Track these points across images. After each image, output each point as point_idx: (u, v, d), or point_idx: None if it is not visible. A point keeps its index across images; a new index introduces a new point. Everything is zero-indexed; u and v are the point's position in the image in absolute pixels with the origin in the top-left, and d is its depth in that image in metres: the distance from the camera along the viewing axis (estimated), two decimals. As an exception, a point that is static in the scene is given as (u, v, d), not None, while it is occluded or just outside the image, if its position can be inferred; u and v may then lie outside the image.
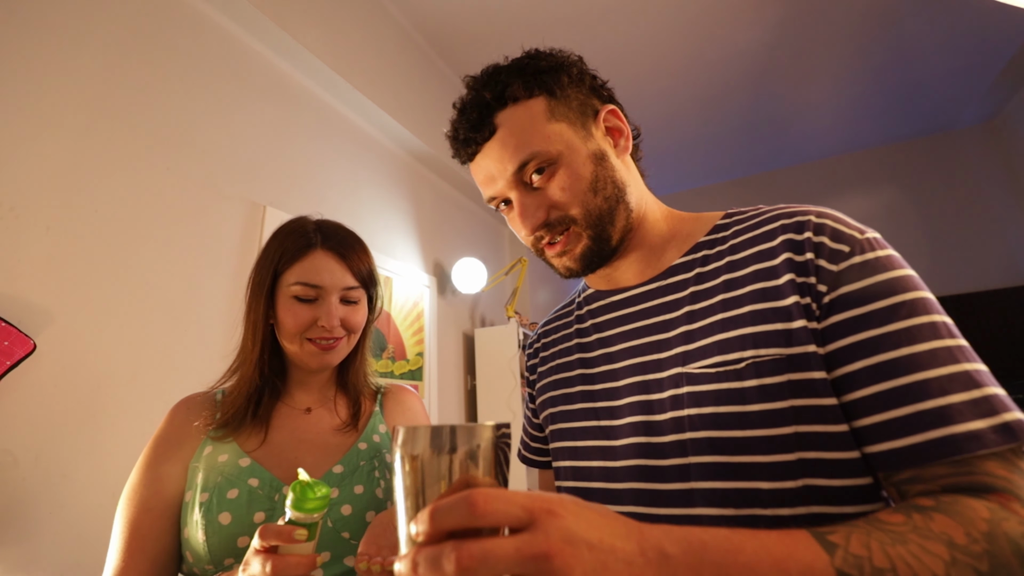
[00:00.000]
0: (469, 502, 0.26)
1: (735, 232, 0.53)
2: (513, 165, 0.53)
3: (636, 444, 0.50)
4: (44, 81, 1.01)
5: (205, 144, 1.32)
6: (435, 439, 0.30)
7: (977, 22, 2.37)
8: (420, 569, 0.27)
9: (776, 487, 0.42)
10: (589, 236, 0.54)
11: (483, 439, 0.31)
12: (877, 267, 0.43)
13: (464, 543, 0.26)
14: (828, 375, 0.42)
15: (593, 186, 0.53)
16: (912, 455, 0.37)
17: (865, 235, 0.45)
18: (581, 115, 0.55)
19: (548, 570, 0.26)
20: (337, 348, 0.72)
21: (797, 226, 0.48)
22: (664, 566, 0.29)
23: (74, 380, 0.98)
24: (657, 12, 2.26)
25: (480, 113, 0.54)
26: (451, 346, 2.41)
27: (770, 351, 0.44)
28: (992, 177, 3.16)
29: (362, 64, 1.86)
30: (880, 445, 0.39)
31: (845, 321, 0.42)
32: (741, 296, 0.48)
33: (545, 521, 0.27)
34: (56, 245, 0.99)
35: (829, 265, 0.44)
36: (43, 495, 0.90)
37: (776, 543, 0.32)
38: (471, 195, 2.76)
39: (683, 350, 0.50)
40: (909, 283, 0.42)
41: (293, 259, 0.70)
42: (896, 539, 0.33)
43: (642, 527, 0.31)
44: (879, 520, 0.35)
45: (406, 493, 0.31)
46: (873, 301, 0.41)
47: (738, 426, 0.44)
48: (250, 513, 0.61)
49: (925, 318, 0.40)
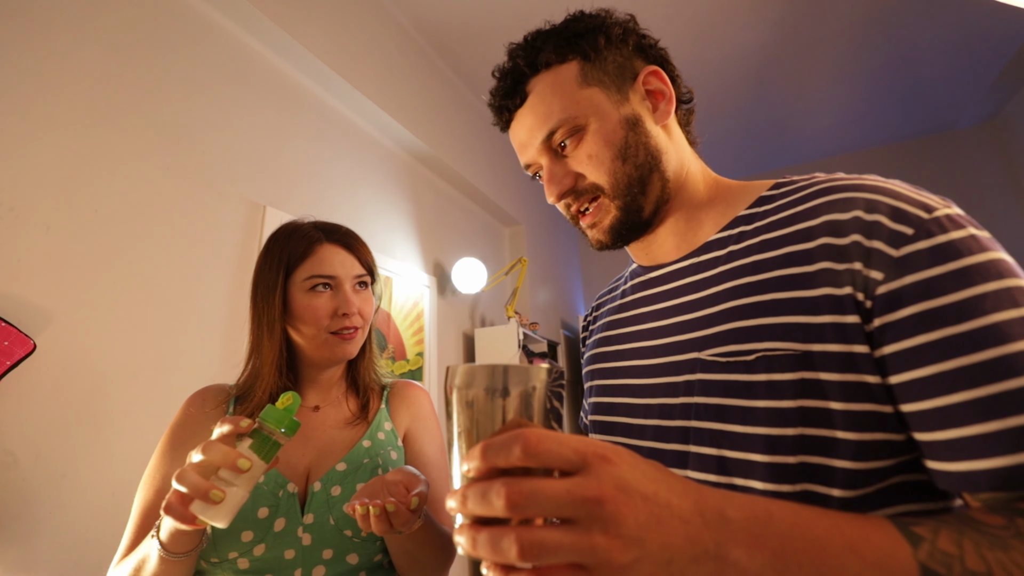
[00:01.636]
0: (522, 440, 0.26)
1: (778, 207, 0.47)
2: (542, 133, 0.52)
3: (654, 426, 0.49)
4: (44, 81, 1.01)
5: (205, 144, 1.32)
6: (490, 379, 0.30)
7: (977, 22, 2.37)
8: (469, 503, 0.26)
9: (771, 489, 0.39)
10: (618, 207, 0.52)
11: (538, 381, 0.31)
12: (951, 251, 0.35)
13: (514, 480, 0.25)
14: (883, 380, 0.37)
15: (623, 153, 0.51)
16: (1002, 478, 0.31)
17: (934, 214, 0.37)
18: (618, 78, 0.52)
19: (599, 515, 0.25)
20: (355, 338, 0.73)
21: (843, 203, 0.41)
22: (723, 529, 0.27)
23: (74, 380, 0.98)
24: (657, 12, 2.26)
25: (513, 80, 0.54)
26: (451, 346, 2.41)
27: (784, 345, 0.40)
28: (992, 177, 3.16)
29: (362, 64, 1.86)
30: (958, 464, 0.33)
31: (911, 317, 0.35)
32: (767, 281, 0.43)
33: (598, 466, 0.26)
34: (56, 245, 0.99)
35: (888, 249, 0.37)
36: (43, 495, 0.90)
37: (851, 524, 0.30)
38: (471, 195, 2.76)
39: (702, 334, 0.47)
40: (992, 269, 0.35)
41: (302, 257, 0.72)
42: (995, 542, 0.29)
43: (701, 488, 0.29)
44: (973, 519, 0.31)
45: (459, 432, 0.31)
46: (948, 293, 0.34)
47: (741, 421, 0.41)
48: (254, 508, 0.61)
49: (1014, 312, 0.33)
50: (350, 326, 0.71)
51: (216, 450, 0.49)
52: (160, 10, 1.27)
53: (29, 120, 0.98)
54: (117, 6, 1.17)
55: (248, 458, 0.49)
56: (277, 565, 0.60)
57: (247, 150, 1.45)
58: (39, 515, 0.89)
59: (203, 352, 1.23)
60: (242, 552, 0.59)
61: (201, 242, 1.27)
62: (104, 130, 1.10)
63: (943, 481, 0.35)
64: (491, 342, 2.49)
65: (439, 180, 2.52)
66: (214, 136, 1.35)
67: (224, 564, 0.60)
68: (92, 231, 1.05)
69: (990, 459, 0.32)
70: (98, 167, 1.07)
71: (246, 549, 0.59)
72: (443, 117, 2.40)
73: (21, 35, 0.99)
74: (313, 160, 1.69)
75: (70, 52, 1.06)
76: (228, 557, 0.59)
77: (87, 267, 1.03)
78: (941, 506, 0.39)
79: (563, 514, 0.25)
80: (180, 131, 1.26)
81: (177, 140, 1.25)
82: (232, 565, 0.59)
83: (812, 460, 0.38)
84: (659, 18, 2.29)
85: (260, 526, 0.61)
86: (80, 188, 1.04)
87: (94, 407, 1.00)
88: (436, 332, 2.25)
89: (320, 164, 1.72)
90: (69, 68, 1.05)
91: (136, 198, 1.14)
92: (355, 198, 1.87)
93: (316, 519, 0.63)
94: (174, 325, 1.18)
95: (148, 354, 1.11)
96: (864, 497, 0.38)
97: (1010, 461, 0.31)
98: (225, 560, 0.59)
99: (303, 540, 0.62)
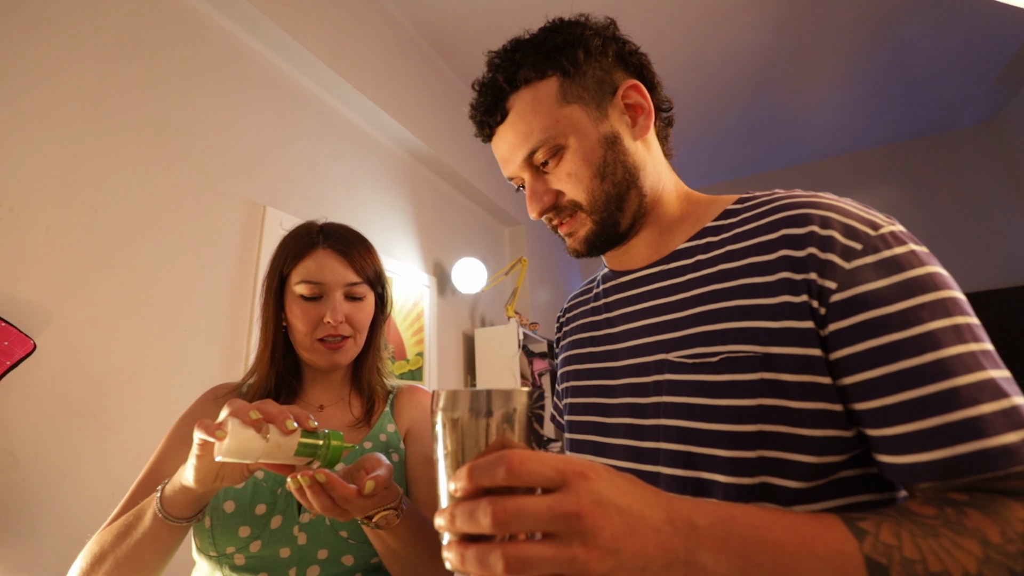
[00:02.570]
0: (506, 461, 0.28)
1: (742, 220, 0.50)
2: (523, 152, 0.53)
3: (625, 424, 0.51)
4: (44, 81, 1.01)
5: (205, 144, 1.32)
6: (474, 402, 0.32)
7: (977, 22, 2.37)
8: (457, 521, 0.28)
9: (732, 482, 0.42)
10: (595, 221, 0.54)
11: (519, 403, 0.33)
12: (894, 265, 0.39)
13: (499, 499, 0.27)
14: (835, 381, 0.40)
15: (601, 172, 0.52)
16: (940, 469, 0.35)
17: (880, 231, 0.41)
18: (597, 93, 0.53)
19: (578, 529, 0.27)
20: (344, 348, 0.72)
21: (800, 219, 0.45)
22: (691, 536, 0.30)
23: (74, 380, 0.98)
24: (657, 12, 2.26)
25: (493, 96, 0.55)
26: (451, 346, 2.41)
27: (746, 348, 0.43)
28: (992, 177, 3.16)
29: (362, 64, 1.86)
30: (903, 457, 0.37)
31: (861, 324, 0.39)
32: (731, 288, 0.47)
33: (577, 483, 0.28)
34: (56, 245, 0.99)
35: (840, 261, 0.41)
36: (43, 495, 0.90)
37: (805, 524, 0.33)
38: (471, 195, 2.76)
39: (670, 337, 0.50)
40: (929, 281, 0.39)
41: (296, 259, 0.72)
42: (927, 532, 0.32)
43: (671, 497, 0.31)
44: (910, 511, 0.34)
45: (445, 453, 0.33)
46: (892, 303, 0.38)
47: (704, 419, 0.44)
48: (252, 504, 0.62)
49: (947, 321, 0.37)
50: (335, 335, 0.71)
51: (275, 404, 0.49)
52: (160, 10, 1.27)
53: (29, 120, 0.98)
54: (117, 6, 1.17)
55: (294, 431, 0.48)
56: (273, 563, 0.60)
57: (247, 150, 1.45)
58: (39, 515, 0.89)
59: (203, 352, 1.23)
60: (239, 548, 0.60)
61: (201, 242, 1.27)
62: (104, 130, 1.10)
63: (891, 473, 0.38)
64: (491, 342, 2.49)
65: (439, 180, 2.52)
66: (214, 136, 1.35)
67: (222, 559, 0.60)
68: (92, 231, 1.05)
69: (929, 452, 0.36)
70: (98, 167, 1.08)
71: (243, 545, 0.60)
72: (443, 117, 2.40)
73: (21, 35, 0.99)
74: (313, 160, 1.69)
75: (70, 52, 1.06)
76: (225, 552, 0.60)
77: (87, 267, 1.03)
78: (887, 496, 0.42)
79: (545, 529, 0.27)
80: (180, 131, 1.26)
81: (177, 140, 1.25)
82: (229, 560, 0.60)
83: (770, 455, 0.41)
84: (660, 18, 2.29)
85: (257, 522, 0.61)
86: (80, 188, 1.04)
87: (94, 407, 1.00)
88: (436, 332, 2.25)
89: (320, 164, 1.72)
90: (69, 68, 1.05)
91: (136, 198, 1.14)
92: (355, 198, 1.87)
93: (312, 519, 0.63)
94: (174, 325, 1.18)
95: (148, 354, 1.11)
96: (817, 488, 0.41)
97: (945, 454, 0.35)
98: (223, 555, 0.60)
99: (299, 539, 0.62)
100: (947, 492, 0.36)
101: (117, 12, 1.17)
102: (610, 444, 0.53)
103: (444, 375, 2.30)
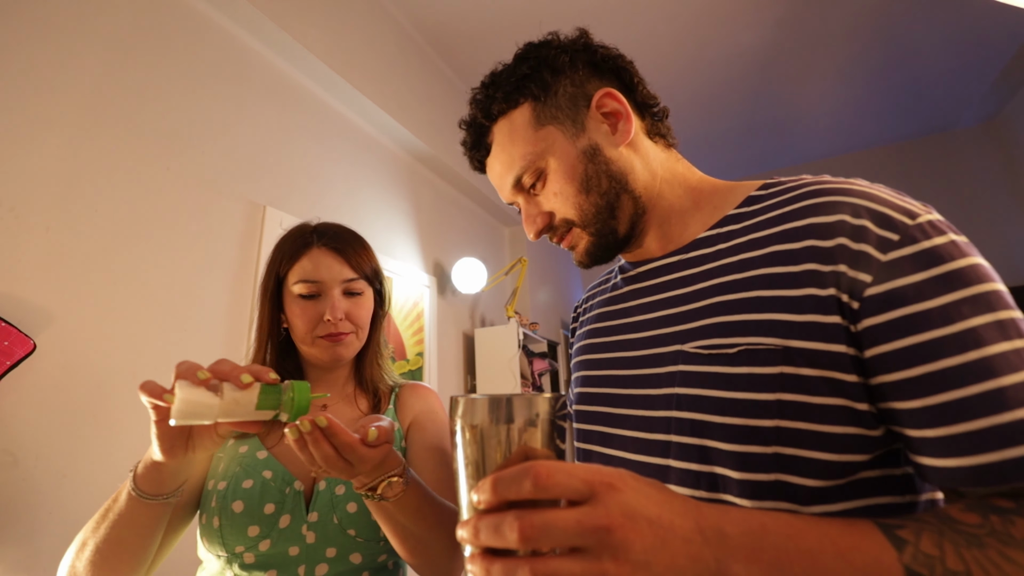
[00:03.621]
0: (532, 474, 0.27)
1: (766, 207, 0.48)
2: (510, 179, 0.56)
3: (635, 416, 0.51)
4: (44, 81, 1.01)
5: (205, 144, 1.32)
6: (494, 410, 0.31)
7: (977, 22, 2.37)
8: (482, 536, 0.28)
9: (747, 478, 0.40)
10: (590, 234, 0.55)
11: (541, 410, 0.32)
12: (934, 257, 0.37)
13: (526, 513, 0.27)
14: (869, 379, 0.38)
15: (585, 186, 0.53)
16: (985, 474, 0.33)
17: (917, 219, 0.39)
18: (571, 109, 0.54)
19: (608, 543, 0.26)
20: (346, 341, 0.73)
21: (829, 207, 0.42)
22: (722, 546, 0.29)
23: (74, 380, 0.98)
24: (657, 12, 2.26)
25: (476, 132, 0.58)
26: (451, 346, 2.41)
27: (766, 340, 0.41)
28: (992, 177, 3.16)
29: (362, 64, 1.86)
30: (945, 460, 0.35)
31: (899, 320, 0.37)
32: (752, 278, 0.44)
33: (605, 495, 0.27)
34: (56, 245, 0.99)
35: (876, 253, 0.38)
36: (43, 495, 0.90)
37: (840, 532, 0.31)
38: (471, 195, 2.76)
39: (685, 328, 0.48)
40: (972, 274, 0.36)
41: (292, 260, 0.72)
42: (972, 541, 0.31)
43: (700, 505, 0.31)
44: (951, 518, 0.33)
45: (466, 462, 0.32)
46: (932, 297, 0.36)
47: (720, 412, 0.42)
48: (261, 504, 0.62)
49: (990, 316, 0.35)
50: (335, 332, 0.71)
51: (229, 362, 0.47)
52: (160, 10, 1.27)
53: (29, 120, 0.98)
54: (117, 6, 1.17)
55: (250, 386, 0.47)
56: (281, 561, 0.61)
57: (247, 150, 1.45)
58: (39, 515, 0.89)
59: (203, 352, 1.23)
60: (248, 547, 0.60)
61: (201, 242, 1.27)
62: (104, 130, 1.10)
63: (931, 476, 0.36)
64: (491, 342, 2.49)
65: (439, 180, 2.52)
66: (214, 136, 1.35)
67: (231, 558, 0.61)
68: (92, 231, 1.05)
69: (973, 456, 0.33)
70: (98, 167, 1.08)
71: (252, 544, 0.60)
72: (443, 117, 2.40)
73: (21, 35, 0.99)
74: (313, 160, 1.69)
75: (70, 52, 1.06)
76: (235, 551, 0.60)
77: (87, 267, 1.03)
78: (908, 500, 0.40)
79: (574, 543, 0.26)
80: (180, 131, 1.26)
81: (177, 140, 1.25)
82: (239, 559, 0.61)
83: (786, 451, 0.40)
84: (660, 18, 2.29)
85: (266, 522, 0.61)
86: (80, 188, 1.04)
87: (94, 407, 1.00)
88: (436, 332, 2.25)
89: (320, 164, 1.72)
90: (69, 68, 1.05)
91: (136, 198, 1.14)
92: (355, 198, 1.87)
93: (320, 517, 0.63)
94: (174, 325, 1.18)
95: (148, 354, 1.11)
96: (836, 488, 0.39)
97: (991, 458, 0.33)
98: (232, 554, 0.61)
99: (307, 538, 0.62)
100: (991, 498, 0.34)
101: (117, 12, 1.17)
102: (618, 435, 0.52)
103: (444, 375, 2.30)
